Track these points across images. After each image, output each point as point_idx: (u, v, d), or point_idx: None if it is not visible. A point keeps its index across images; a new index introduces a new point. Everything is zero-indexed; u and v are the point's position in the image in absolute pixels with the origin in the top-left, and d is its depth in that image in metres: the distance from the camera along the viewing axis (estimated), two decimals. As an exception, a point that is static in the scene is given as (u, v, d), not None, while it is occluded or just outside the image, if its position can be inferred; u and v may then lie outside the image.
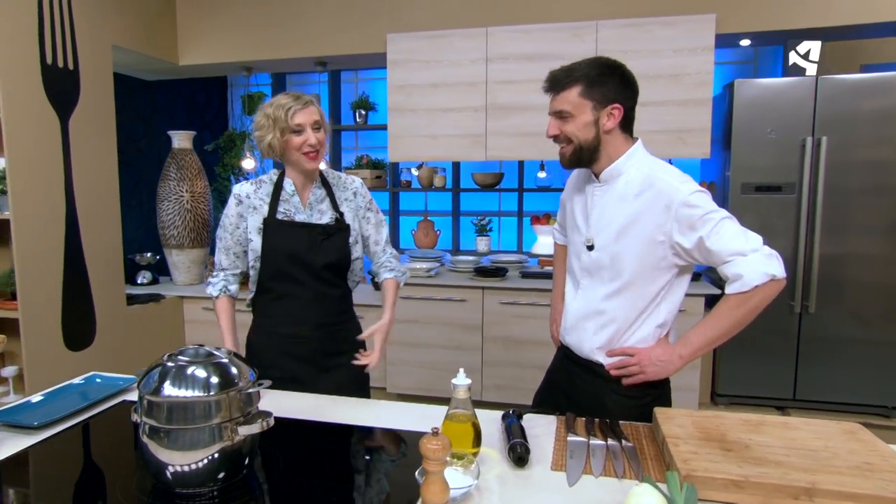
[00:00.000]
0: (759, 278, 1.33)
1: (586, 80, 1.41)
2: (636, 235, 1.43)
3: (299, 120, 1.65)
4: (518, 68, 3.34)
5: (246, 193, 1.76)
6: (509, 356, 3.39)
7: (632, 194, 1.44)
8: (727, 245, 1.36)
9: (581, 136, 1.44)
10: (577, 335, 1.57)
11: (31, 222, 2.68)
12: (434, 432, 1.01)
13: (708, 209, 1.37)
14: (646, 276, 1.45)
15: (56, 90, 2.79)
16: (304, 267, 1.73)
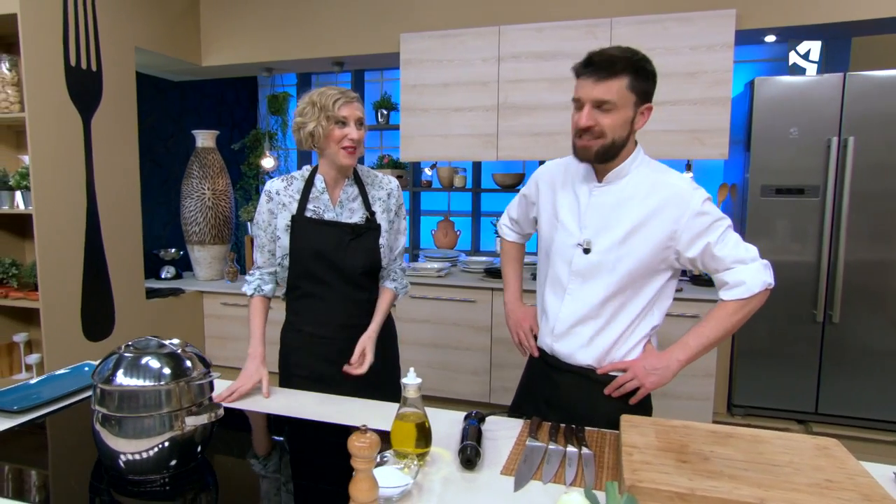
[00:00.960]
0: (759, 286, 1.36)
1: (635, 72, 1.32)
2: (644, 239, 1.39)
3: (345, 112, 1.61)
4: (530, 67, 3.30)
5: (276, 190, 1.72)
6: (518, 358, 3.32)
7: (640, 197, 1.40)
8: (731, 252, 1.38)
9: (618, 132, 1.35)
10: (570, 342, 1.49)
11: (52, 218, 2.80)
12: (363, 430, 1.01)
13: (717, 216, 1.38)
14: (646, 279, 1.43)
15: (79, 91, 2.92)
16: (330, 267, 1.68)
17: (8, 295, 2.87)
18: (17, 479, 1.21)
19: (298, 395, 1.66)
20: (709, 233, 1.37)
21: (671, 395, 3.09)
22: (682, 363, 1.41)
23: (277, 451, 1.35)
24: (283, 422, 1.47)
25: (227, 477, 1.24)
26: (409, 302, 3.49)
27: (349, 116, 1.61)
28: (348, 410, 1.53)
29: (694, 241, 1.38)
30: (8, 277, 2.90)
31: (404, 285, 1.86)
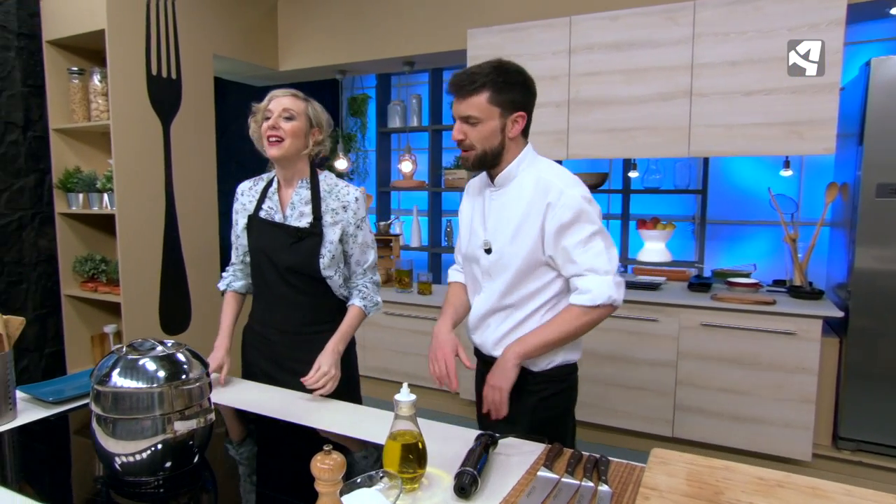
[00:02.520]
0: (602, 299, 1.40)
1: (494, 87, 1.41)
2: (526, 235, 1.46)
3: (271, 106, 1.65)
4: (604, 59, 3.08)
5: (241, 191, 1.81)
6: (588, 371, 3.14)
7: (524, 197, 1.47)
8: (588, 260, 1.42)
9: (487, 143, 1.44)
10: (482, 333, 1.60)
11: (133, 218, 2.99)
12: (326, 450, 0.93)
13: (585, 218, 1.41)
14: (539, 273, 1.49)
15: (159, 98, 3.10)
16: (272, 267, 1.70)
17: (97, 289, 3.10)
18: (27, 470, 1.25)
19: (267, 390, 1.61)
20: (570, 233, 1.41)
21: (764, 421, 2.76)
22: (518, 356, 1.45)
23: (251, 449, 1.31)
24: (277, 424, 1.43)
25: (225, 479, 1.22)
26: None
27: (273, 109, 1.64)
28: (344, 418, 1.46)
29: (556, 237, 1.43)
30: (98, 273, 3.14)
31: (375, 302, 1.79)
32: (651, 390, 2.99)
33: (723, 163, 3.82)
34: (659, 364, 2.96)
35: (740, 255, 3.85)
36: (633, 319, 2.99)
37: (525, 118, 1.47)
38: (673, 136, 2.96)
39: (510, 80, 1.43)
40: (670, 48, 2.92)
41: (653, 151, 3.04)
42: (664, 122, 2.97)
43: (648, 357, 2.98)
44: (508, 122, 1.44)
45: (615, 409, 3.07)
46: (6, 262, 3.04)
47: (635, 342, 3.00)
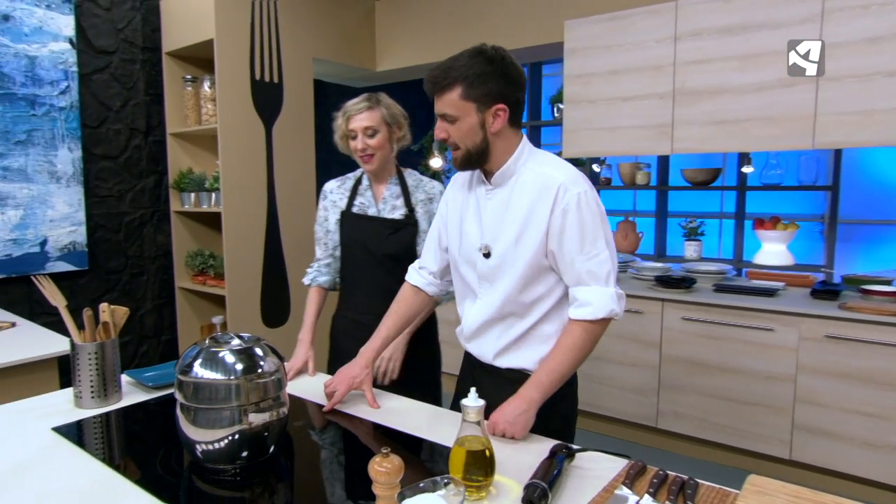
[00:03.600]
0: (604, 311, 1.31)
1: (466, 81, 1.30)
2: (531, 237, 1.35)
3: (352, 126, 1.76)
4: (713, 45, 2.83)
5: (330, 189, 1.92)
6: (692, 381, 2.91)
7: (527, 195, 1.36)
8: (593, 268, 1.32)
9: (468, 140, 1.34)
10: (479, 343, 1.50)
11: (238, 215, 3.16)
12: (384, 453, 0.88)
13: (590, 220, 1.31)
14: (546, 277, 1.39)
15: (263, 101, 3.25)
16: (371, 257, 1.81)
17: (206, 282, 3.31)
18: (127, 449, 1.33)
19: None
20: (574, 236, 1.31)
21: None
22: (537, 402, 1.32)
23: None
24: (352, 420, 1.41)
25: (298, 472, 1.23)
26: (568, 309, 3.25)
27: (356, 129, 1.75)
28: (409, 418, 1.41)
29: (558, 240, 1.32)
30: (206, 267, 3.34)
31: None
32: (765, 406, 2.70)
33: (859, 155, 3.40)
34: (774, 378, 2.67)
35: (879, 260, 3.40)
36: (744, 328, 2.72)
37: (506, 111, 1.32)
38: (794, 127, 2.66)
39: (484, 71, 1.29)
40: (794, 28, 2.63)
41: (769, 144, 2.75)
42: (784, 112, 2.68)
43: (762, 369, 2.70)
44: (488, 116, 1.32)
45: (721, 424, 2.82)
46: (130, 256, 3.32)
47: (747, 352, 2.73)
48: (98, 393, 1.49)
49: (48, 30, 2.90)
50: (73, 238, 3.04)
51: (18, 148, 2.84)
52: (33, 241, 2.91)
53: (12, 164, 2.82)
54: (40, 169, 2.91)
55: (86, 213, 3.07)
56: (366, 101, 1.77)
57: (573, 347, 1.33)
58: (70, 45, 2.98)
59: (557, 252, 1.34)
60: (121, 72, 3.21)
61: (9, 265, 2.83)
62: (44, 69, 2.90)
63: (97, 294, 3.16)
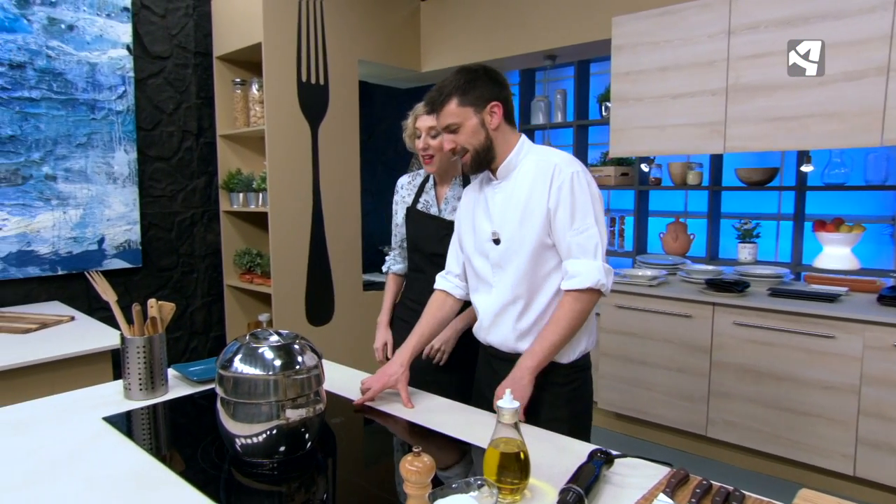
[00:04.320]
0: (590, 282, 1.41)
1: (458, 91, 1.46)
2: (532, 217, 1.46)
3: (419, 125, 1.84)
4: (770, 38, 2.70)
5: (401, 184, 2.04)
6: (743, 388, 2.78)
7: (527, 180, 1.48)
8: (582, 242, 1.43)
9: (474, 140, 1.48)
10: (499, 331, 1.56)
11: (284, 215, 3.22)
12: (416, 452, 0.87)
13: (582, 198, 1.43)
14: (545, 255, 1.48)
15: (309, 103, 3.30)
16: (427, 254, 1.91)
17: (253, 281, 3.38)
18: (169, 440, 1.37)
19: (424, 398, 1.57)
20: (565, 212, 1.43)
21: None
22: (532, 369, 1.44)
23: (388, 458, 1.28)
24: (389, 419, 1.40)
25: (335, 468, 1.23)
26: (614, 312, 3.17)
27: (421, 128, 1.84)
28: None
29: (554, 216, 1.44)
30: (254, 266, 3.42)
31: None
32: (824, 417, 2.56)
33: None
34: (835, 388, 2.53)
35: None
36: (802, 335, 2.59)
37: (501, 107, 1.48)
38: (860, 123, 2.52)
39: (471, 79, 1.47)
40: (861, 17, 2.48)
41: (831, 141, 2.61)
42: (848, 107, 2.54)
43: (821, 379, 2.56)
44: (485, 115, 1.47)
45: (775, 434, 2.69)
46: (181, 254, 3.42)
47: (805, 360, 2.60)
48: (146, 385, 1.53)
49: (108, 37, 3.02)
50: (128, 236, 3.16)
51: (79, 150, 2.97)
52: (91, 240, 3.03)
53: (73, 166, 2.95)
54: (99, 170, 3.03)
55: (140, 212, 3.19)
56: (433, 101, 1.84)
57: (563, 317, 1.44)
58: (127, 51, 3.10)
59: (553, 227, 1.45)
60: (174, 76, 3.32)
61: (69, 262, 2.96)
62: (103, 75, 3.02)
63: (150, 290, 3.28)
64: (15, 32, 2.75)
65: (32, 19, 2.79)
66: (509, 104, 1.51)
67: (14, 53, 2.75)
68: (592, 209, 1.44)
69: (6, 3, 2.71)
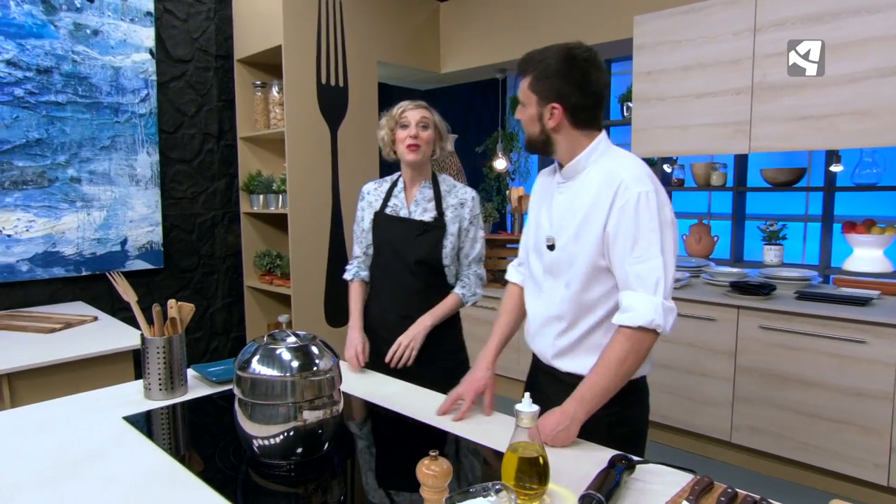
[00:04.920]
0: (643, 320, 1.24)
1: (535, 72, 1.33)
2: (591, 233, 1.32)
3: (407, 115, 1.84)
4: (798, 35, 2.64)
5: (368, 190, 2.01)
6: (769, 394, 2.72)
7: (590, 191, 1.33)
8: (642, 274, 1.26)
9: (529, 127, 1.38)
10: (541, 341, 1.46)
11: (303, 217, 3.23)
12: (432, 456, 0.85)
13: (649, 223, 1.26)
14: (599, 278, 1.35)
15: (328, 105, 3.31)
16: (397, 257, 1.87)
17: (273, 282, 3.40)
18: (187, 440, 1.37)
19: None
20: (627, 237, 1.26)
21: None
22: (580, 419, 1.27)
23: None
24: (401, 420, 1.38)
25: (351, 470, 1.22)
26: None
27: (410, 119, 1.83)
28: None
29: (613, 239, 1.29)
30: (273, 267, 3.43)
31: (474, 293, 1.93)
32: (856, 425, 2.49)
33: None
34: (867, 395, 2.45)
35: None
36: (833, 339, 2.52)
37: (560, 111, 1.32)
38: (892, 120, 2.44)
39: (554, 69, 1.31)
40: (893, 11, 2.41)
41: (861, 140, 2.54)
42: (879, 105, 2.47)
43: (852, 385, 2.49)
44: (545, 111, 1.33)
45: (803, 441, 2.62)
46: (202, 255, 3.45)
47: (835, 366, 2.52)
48: (165, 385, 1.54)
49: (131, 42, 3.07)
50: (151, 238, 3.19)
51: (103, 153, 3.01)
52: (115, 241, 3.07)
53: (97, 168, 2.99)
54: (122, 172, 3.07)
55: (161, 213, 3.22)
56: (419, 102, 1.91)
57: (615, 360, 1.27)
58: (150, 55, 3.14)
59: (610, 251, 1.30)
60: (195, 79, 3.36)
61: (93, 263, 3.01)
62: (126, 79, 3.06)
63: (171, 291, 3.31)
64: (42, 38, 2.80)
65: (59, 25, 2.84)
66: (577, 111, 1.32)
67: (41, 58, 2.80)
68: (659, 237, 1.26)
69: (34, 9, 2.76)
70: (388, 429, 1.43)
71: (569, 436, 1.26)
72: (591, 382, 1.29)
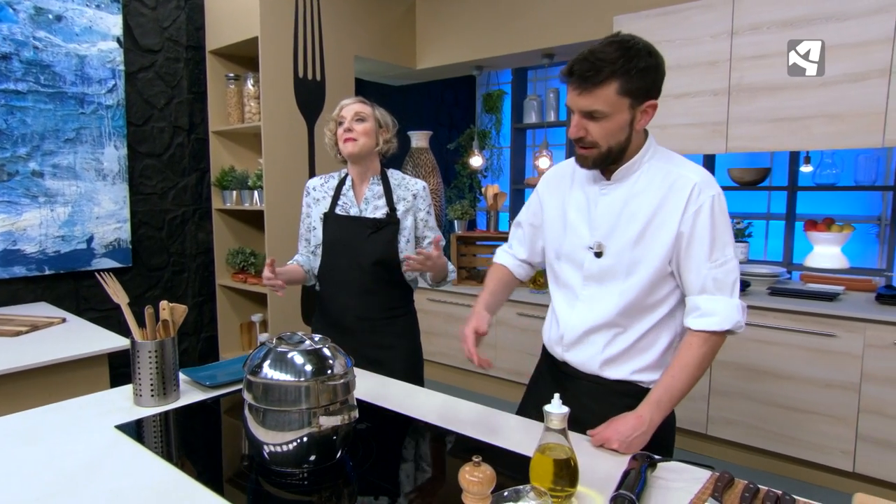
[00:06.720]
0: (730, 323, 1.24)
1: (626, 75, 1.19)
2: (656, 238, 1.27)
3: (343, 112, 1.84)
4: (773, 39, 2.72)
5: (313, 186, 1.95)
6: (743, 386, 2.80)
7: (651, 191, 1.27)
8: (721, 277, 1.24)
9: (613, 139, 1.24)
10: (582, 351, 1.39)
11: (279, 213, 3.14)
12: (475, 462, 0.83)
13: (723, 226, 1.26)
14: (665, 282, 1.30)
15: (305, 99, 3.23)
16: (351, 258, 1.83)
17: (246, 280, 3.30)
18: (188, 448, 1.30)
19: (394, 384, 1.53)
20: (706, 243, 1.24)
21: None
22: (657, 423, 1.26)
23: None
24: (414, 423, 1.36)
25: (365, 478, 1.18)
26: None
27: (346, 115, 1.82)
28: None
29: (688, 245, 1.25)
30: (247, 265, 3.34)
31: (451, 269, 1.92)
32: (825, 415, 2.59)
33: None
34: (836, 386, 2.56)
35: (939, 265, 3.26)
36: (804, 333, 2.61)
37: (655, 107, 1.26)
38: (862, 124, 2.55)
39: (641, 66, 1.20)
40: (864, 19, 2.51)
41: (832, 142, 2.64)
42: (850, 108, 2.57)
43: (822, 377, 2.59)
44: (638, 113, 1.24)
45: (776, 432, 2.71)
46: (172, 253, 3.33)
47: (806, 359, 2.62)
48: (157, 391, 1.47)
49: (97, 29, 2.92)
50: (118, 235, 3.06)
51: (68, 146, 2.86)
52: (80, 238, 2.93)
53: (62, 162, 2.84)
54: (87, 166, 2.93)
55: (130, 210, 3.09)
56: (359, 98, 1.89)
57: (693, 363, 1.25)
58: (117, 44, 2.99)
59: (683, 256, 1.26)
60: (165, 70, 3.22)
61: (57, 261, 2.85)
62: (92, 68, 2.92)
63: (140, 291, 3.18)
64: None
65: (18, 8, 2.68)
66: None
67: (-1, 44, 2.64)
68: (731, 239, 1.26)
69: (-11, -9, 2.60)
70: (398, 434, 1.40)
71: (643, 441, 1.24)
72: (667, 386, 1.26)
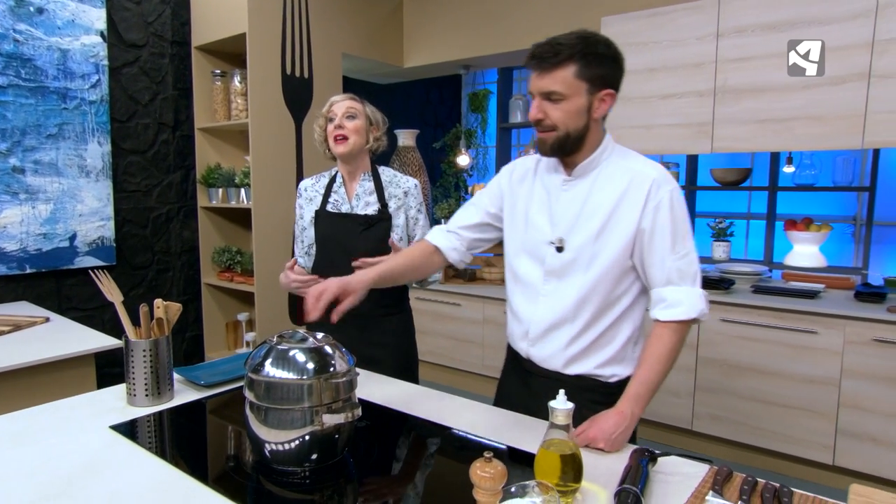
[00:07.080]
0: (695, 311, 1.28)
1: (583, 59, 1.24)
2: (616, 232, 1.30)
3: (334, 109, 1.83)
4: (757, 42, 2.77)
5: (304, 187, 1.96)
6: (728, 383, 2.86)
7: (614, 189, 1.31)
8: (684, 268, 1.28)
9: (570, 123, 1.27)
10: (546, 346, 1.40)
11: (267, 212, 3.12)
12: (487, 458, 0.84)
13: (682, 218, 1.29)
14: (625, 276, 1.34)
15: (293, 97, 3.21)
16: (344, 255, 1.79)
17: (233, 279, 3.27)
18: (184, 448, 1.29)
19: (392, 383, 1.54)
20: (667, 236, 1.27)
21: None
22: (638, 417, 1.28)
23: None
24: (410, 421, 1.36)
25: (368, 476, 1.18)
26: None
27: (336, 112, 1.82)
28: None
29: (649, 239, 1.28)
30: (234, 264, 3.30)
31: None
32: (807, 410, 2.65)
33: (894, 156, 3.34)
34: (817, 381, 2.62)
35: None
36: (787, 330, 2.67)
37: (613, 97, 1.29)
38: (842, 126, 2.61)
39: (599, 53, 1.25)
40: (845, 24, 2.57)
41: (814, 143, 2.70)
42: (831, 110, 2.62)
43: (804, 373, 2.65)
44: (595, 100, 1.27)
45: (760, 427, 2.77)
46: (156, 251, 3.28)
47: (788, 355, 2.68)
48: (152, 391, 1.45)
49: (80, 23, 2.86)
50: (102, 233, 3.00)
51: (49, 142, 2.80)
52: (62, 236, 2.87)
53: (43, 158, 2.78)
54: (70, 163, 2.87)
55: (113, 207, 3.04)
56: (348, 95, 1.89)
57: (665, 353, 1.27)
58: (101, 38, 2.94)
59: (647, 251, 1.29)
60: (150, 66, 3.17)
61: (39, 260, 2.80)
62: (75, 62, 2.86)
63: (124, 290, 3.08)
64: (-22, 14, 2.57)
65: (-2, 1, 2.62)
66: (616, 97, 1.31)
67: (-23, 37, 2.58)
68: (689, 231, 1.30)
69: (-33, -18, 2.54)
70: (398, 432, 1.40)
71: (627, 436, 1.25)
72: (643, 379, 1.29)
